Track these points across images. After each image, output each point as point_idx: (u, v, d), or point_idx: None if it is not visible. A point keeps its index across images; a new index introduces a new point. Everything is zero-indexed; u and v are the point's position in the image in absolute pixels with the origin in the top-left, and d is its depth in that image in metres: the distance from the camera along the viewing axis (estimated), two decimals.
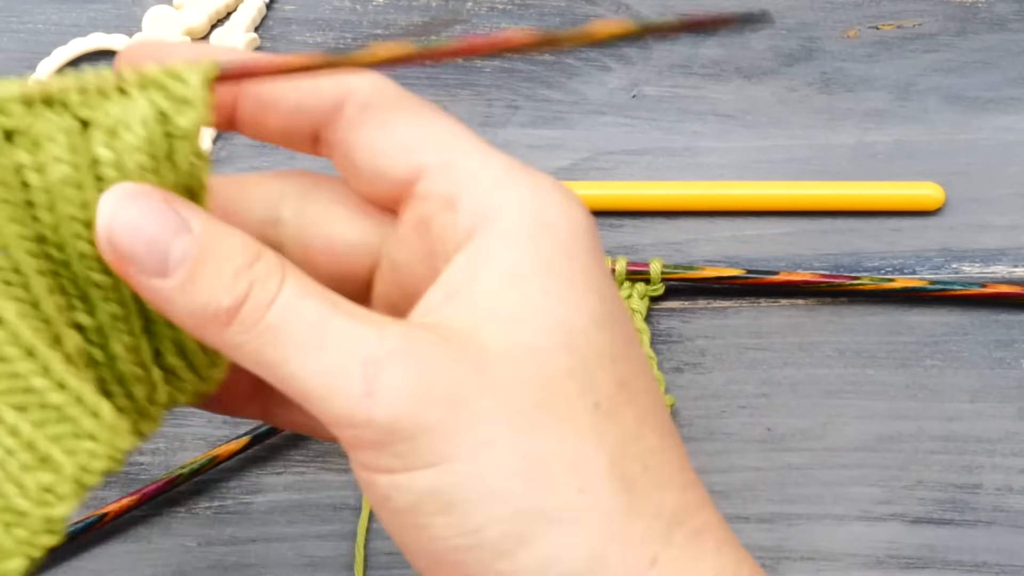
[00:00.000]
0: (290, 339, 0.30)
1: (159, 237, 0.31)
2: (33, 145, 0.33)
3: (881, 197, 0.55)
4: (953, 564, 0.50)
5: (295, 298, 0.30)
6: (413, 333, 0.30)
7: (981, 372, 0.52)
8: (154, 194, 0.31)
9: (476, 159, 0.33)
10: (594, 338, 0.31)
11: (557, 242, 0.31)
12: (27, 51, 0.58)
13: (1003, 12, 0.59)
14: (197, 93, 0.32)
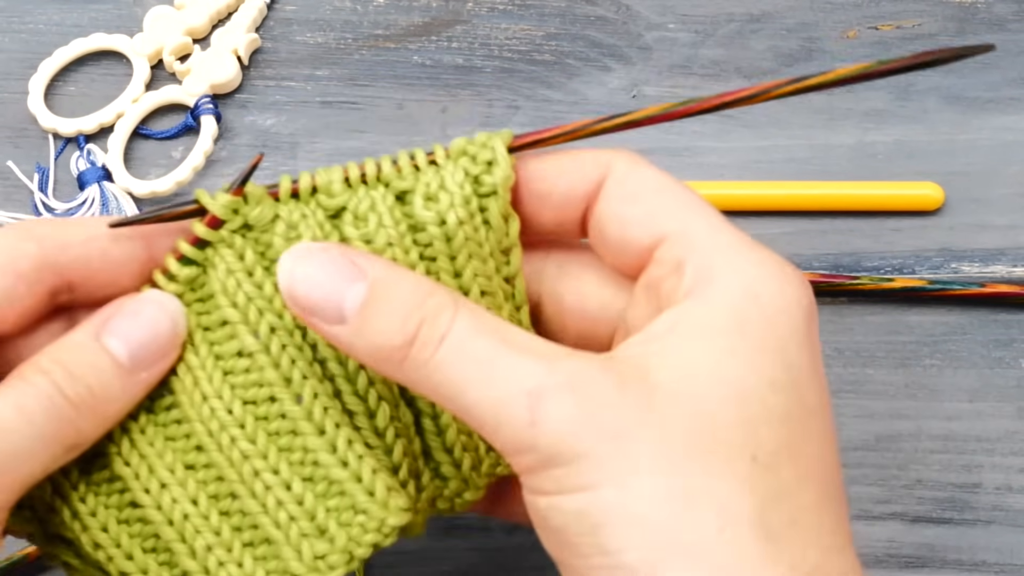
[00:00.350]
0: (461, 374, 0.33)
1: (334, 287, 0.34)
2: (356, 219, 0.37)
3: (881, 197, 0.55)
4: (952, 563, 0.50)
5: (466, 334, 0.33)
6: (582, 367, 0.33)
7: (980, 372, 0.52)
8: (332, 248, 0.35)
9: (709, 229, 0.35)
10: (767, 399, 0.33)
11: (760, 311, 0.34)
12: (28, 51, 0.58)
13: (1002, 12, 0.59)
14: (502, 153, 0.37)
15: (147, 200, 0.55)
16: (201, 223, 0.37)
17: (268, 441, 0.37)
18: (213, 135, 0.56)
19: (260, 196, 0.37)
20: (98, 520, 0.38)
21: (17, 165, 0.56)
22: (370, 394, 0.38)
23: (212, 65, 0.57)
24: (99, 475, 0.38)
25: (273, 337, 0.37)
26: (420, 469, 0.39)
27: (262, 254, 0.38)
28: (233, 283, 0.37)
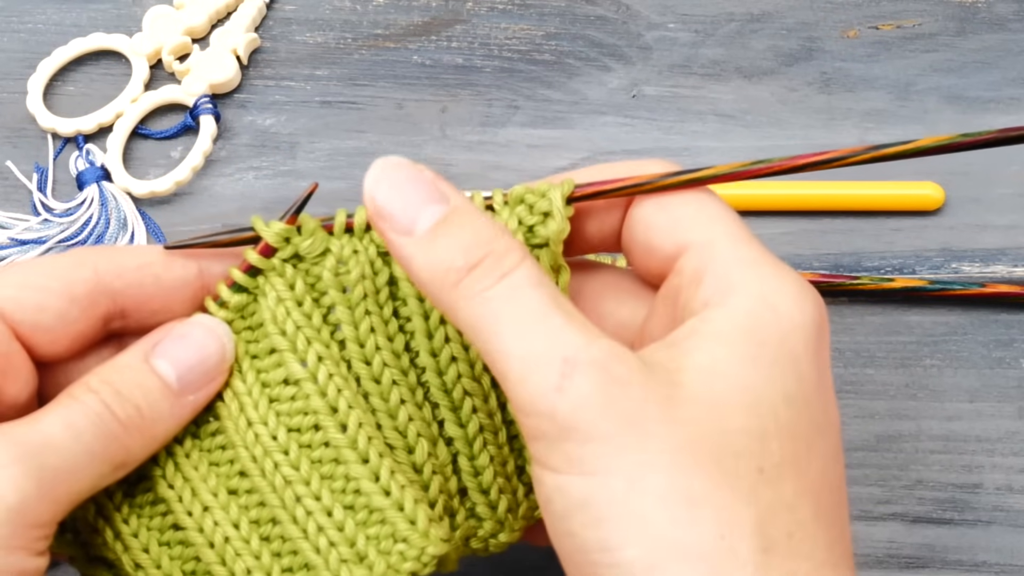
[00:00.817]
0: (507, 317, 0.33)
1: (416, 200, 0.34)
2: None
3: (881, 197, 0.55)
4: (953, 564, 0.50)
5: (523, 282, 0.33)
6: (620, 351, 0.33)
7: (981, 372, 0.52)
8: (425, 170, 0.35)
9: (730, 241, 0.36)
10: (779, 412, 0.33)
11: (776, 324, 0.34)
12: (27, 51, 0.58)
13: (1003, 12, 0.59)
14: (559, 207, 0.37)
15: (146, 200, 0.55)
16: (253, 250, 0.38)
17: (311, 468, 0.38)
18: (212, 135, 0.56)
19: (314, 228, 0.38)
20: (140, 541, 0.38)
21: (16, 165, 0.56)
22: (409, 429, 0.38)
23: (211, 65, 0.57)
24: (143, 497, 0.38)
25: (320, 366, 0.38)
26: (455, 508, 0.39)
27: (312, 285, 0.38)
28: (283, 311, 0.38)
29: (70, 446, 0.34)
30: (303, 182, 0.56)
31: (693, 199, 0.37)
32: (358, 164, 0.56)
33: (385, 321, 0.38)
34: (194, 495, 0.38)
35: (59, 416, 0.35)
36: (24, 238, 0.54)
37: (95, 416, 0.35)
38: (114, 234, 0.54)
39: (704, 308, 0.35)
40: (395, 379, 0.38)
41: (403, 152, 0.56)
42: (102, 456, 0.35)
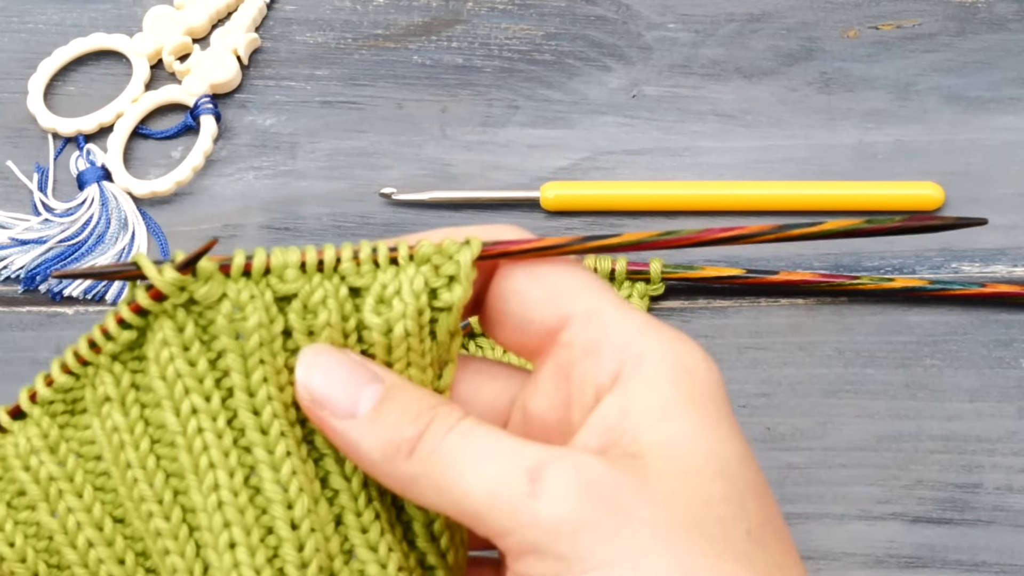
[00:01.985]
0: (464, 457, 0.33)
1: (351, 384, 0.35)
2: (304, 309, 0.36)
3: (881, 197, 0.55)
4: (952, 563, 0.50)
5: (470, 426, 0.34)
6: (576, 456, 0.32)
7: (981, 371, 0.52)
8: (351, 353, 0.36)
9: (616, 312, 0.35)
10: (744, 472, 0.33)
11: (701, 386, 0.34)
12: (28, 51, 0.58)
13: (1003, 12, 0.59)
14: (466, 272, 0.36)
15: (147, 200, 0.55)
16: (144, 294, 0.36)
17: (181, 521, 0.37)
18: (213, 135, 0.56)
19: (210, 272, 0.36)
20: (5, 535, 0.38)
21: (16, 165, 0.56)
22: (292, 483, 0.37)
23: (212, 65, 0.57)
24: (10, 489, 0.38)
25: (192, 419, 0.37)
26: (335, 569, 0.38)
27: (204, 328, 0.37)
28: (167, 355, 0.37)
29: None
30: (303, 182, 0.56)
31: (566, 269, 0.36)
32: (358, 164, 0.56)
33: (277, 371, 0.37)
34: (79, 528, 0.38)
35: None
36: (25, 238, 0.54)
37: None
38: (114, 234, 0.54)
39: (614, 382, 0.34)
40: (283, 431, 0.37)
41: (403, 152, 0.56)
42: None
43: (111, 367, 0.38)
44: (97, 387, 0.38)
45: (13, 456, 0.38)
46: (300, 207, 0.55)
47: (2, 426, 0.38)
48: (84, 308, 0.54)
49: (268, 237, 0.55)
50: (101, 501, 0.38)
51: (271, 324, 0.36)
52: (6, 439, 0.38)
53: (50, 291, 0.54)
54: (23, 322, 0.53)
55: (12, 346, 0.53)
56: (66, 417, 0.38)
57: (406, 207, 0.55)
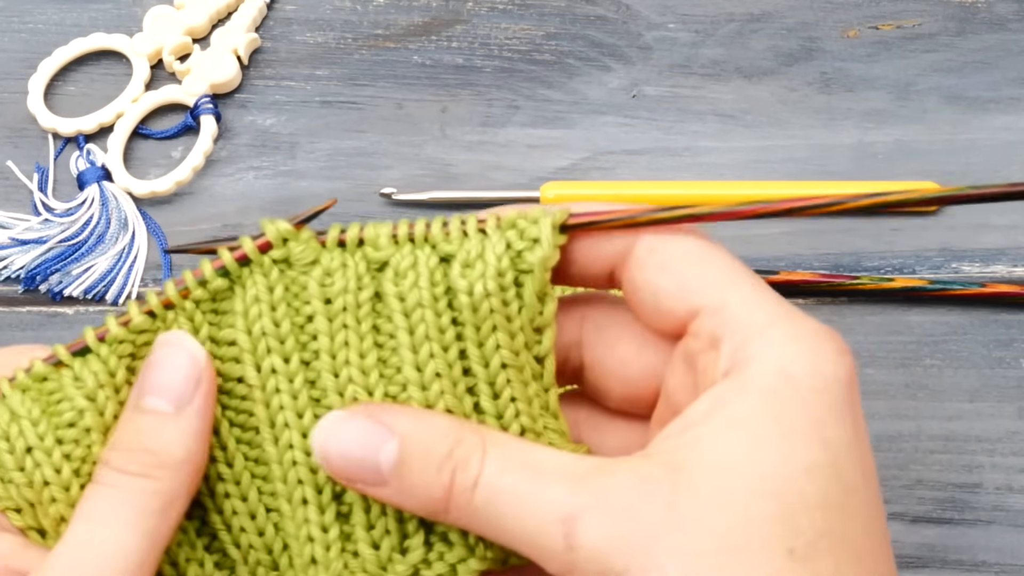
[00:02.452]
0: (499, 512, 0.34)
1: (367, 453, 0.35)
2: (396, 275, 0.38)
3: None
4: (952, 563, 0.50)
5: (496, 473, 0.34)
6: (607, 483, 0.33)
7: (981, 372, 0.52)
8: (357, 413, 0.36)
9: (744, 304, 0.35)
10: (802, 487, 0.33)
11: (794, 393, 0.34)
12: (28, 51, 0.58)
13: (1003, 12, 0.59)
14: (547, 234, 0.37)
15: (147, 200, 0.55)
16: (251, 242, 0.38)
17: (244, 467, 0.39)
18: (213, 135, 0.56)
19: (308, 237, 0.38)
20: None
21: (17, 165, 0.56)
22: None
23: (212, 65, 0.57)
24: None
25: (271, 378, 0.38)
26: (409, 531, 0.39)
27: (295, 294, 0.39)
28: (256, 311, 0.38)
29: (96, 538, 0.35)
30: (303, 182, 0.56)
31: (697, 257, 0.37)
32: (358, 164, 0.56)
33: (361, 337, 0.38)
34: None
35: (80, 516, 0.36)
36: (25, 238, 0.54)
37: (109, 489, 0.36)
38: (115, 234, 0.54)
39: (724, 379, 0.34)
40: (357, 396, 0.38)
41: (403, 152, 0.56)
42: (137, 515, 0.36)
43: (192, 315, 0.39)
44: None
45: (72, 387, 0.38)
46: (300, 207, 0.55)
47: (60, 360, 0.38)
48: (84, 308, 0.54)
49: None
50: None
51: (359, 291, 0.38)
52: (62, 371, 0.38)
53: (50, 291, 0.54)
54: (23, 322, 0.53)
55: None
56: (128, 360, 0.39)
57: (406, 207, 0.55)
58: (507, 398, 0.39)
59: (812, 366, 0.34)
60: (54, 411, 0.38)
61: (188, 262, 0.54)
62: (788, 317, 0.35)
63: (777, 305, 0.36)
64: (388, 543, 0.39)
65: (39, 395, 0.38)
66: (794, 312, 0.36)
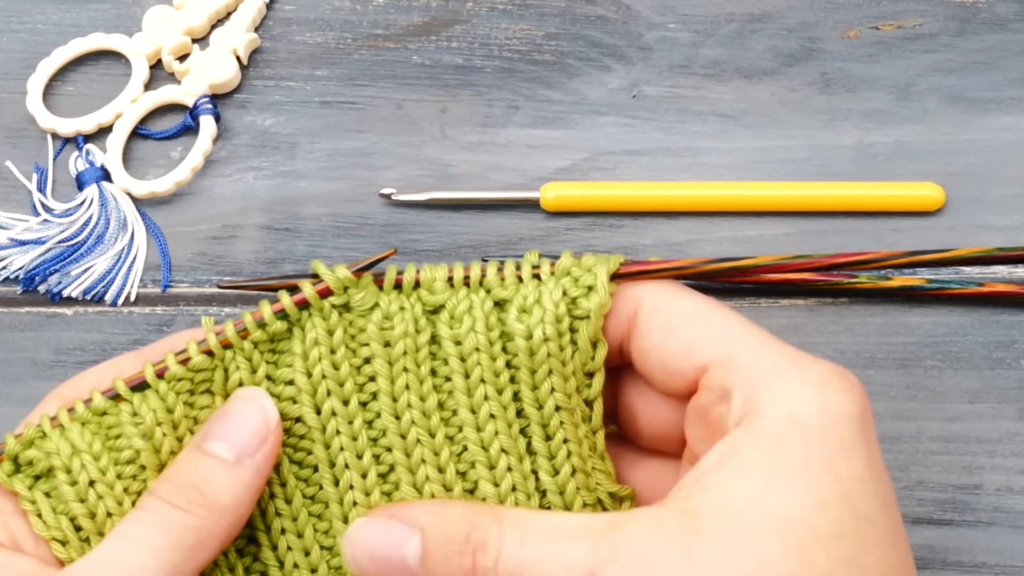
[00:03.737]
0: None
1: (394, 552, 0.37)
2: (452, 319, 0.39)
3: (881, 198, 0.55)
4: (953, 564, 0.50)
5: (515, 548, 0.35)
6: (622, 536, 0.34)
7: (981, 373, 0.52)
8: (379, 515, 0.38)
9: (751, 354, 0.37)
10: (814, 520, 0.34)
11: (802, 435, 0.35)
12: (27, 51, 0.58)
13: (1004, 12, 0.59)
14: (603, 282, 0.39)
15: (146, 200, 0.55)
16: (311, 287, 0.39)
17: (301, 504, 0.40)
18: (212, 135, 0.56)
19: (366, 283, 0.39)
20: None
21: (15, 165, 0.56)
22: (426, 488, 0.40)
23: (211, 65, 0.57)
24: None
25: (332, 420, 0.40)
26: None
27: (352, 336, 0.40)
28: (316, 354, 0.39)
29: (123, 556, 0.36)
30: (302, 182, 0.56)
31: (700, 315, 0.38)
32: (358, 164, 0.56)
33: (421, 380, 0.40)
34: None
35: (114, 533, 0.37)
36: (24, 238, 0.54)
37: (149, 515, 0.37)
38: (114, 235, 0.54)
39: (736, 428, 0.35)
40: (420, 438, 0.39)
41: (403, 152, 0.56)
42: (168, 545, 0.37)
43: (251, 355, 0.40)
44: (231, 372, 0.40)
45: (130, 423, 0.39)
46: (299, 207, 0.55)
47: (119, 394, 0.39)
48: (83, 309, 0.54)
49: (267, 238, 0.55)
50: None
51: (417, 334, 0.39)
52: (120, 406, 0.39)
53: (49, 292, 0.54)
54: (22, 323, 0.53)
55: (11, 347, 0.53)
56: (186, 396, 0.40)
57: (406, 207, 0.55)
58: (560, 440, 0.40)
59: (820, 406, 0.35)
60: (113, 446, 0.39)
61: (188, 262, 0.54)
62: (795, 362, 0.36)
63: (783, 352, 0.37)
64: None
65: (98, 428, 0.39)
66: (800, 356, 0.37)
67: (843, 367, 0.37)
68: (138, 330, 0.53)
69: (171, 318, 0.53)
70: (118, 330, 0.53)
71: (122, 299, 0.54)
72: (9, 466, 0.39)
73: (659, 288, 0.39)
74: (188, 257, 0.55)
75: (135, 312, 0.54)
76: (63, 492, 0.38)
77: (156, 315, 0.54)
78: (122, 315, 0.54)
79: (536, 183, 0.55)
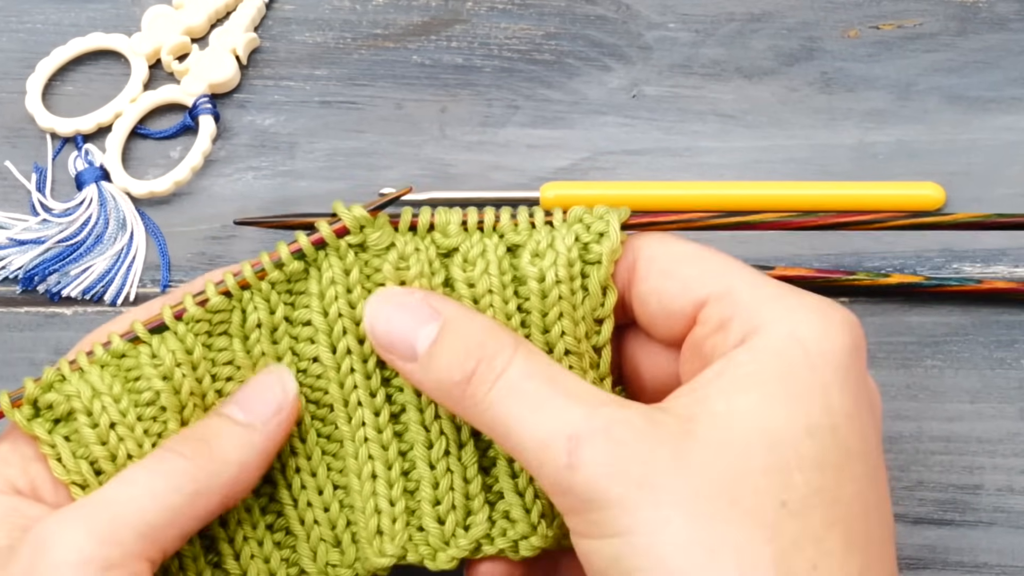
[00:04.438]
0: (511, 412, 0.35)
1: (409, 328, 0.37)
2: (465, 262, 0.40)
3: (882, 197, 0.55)
4: (954, 565, 0.50)
5: (519, 375, 0.36)
6: (621, 415, 0.34)
7: (982, 372, 0.52)
8: (415, 293, 0.38)
9: (750, 286, 0.37)
10: (802, 445, 0.34)
11: (803, 356, 0.35)
12: (26, 50, 0.58)
13: (1004, 12, 0.59)
14: (615, 228, 0.39)
15: (145, 200, 0.55)
16: (328, 226, 0.40)
17: (315, 443, 0.41)
18: (211, 135, 0.56)
19: (382, 223, 0.40)
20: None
21: (15, 165, 0.56)
22: (434, 426, 0.40)
23: (210, 64, 0.57)
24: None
25: (347, 358, 0.40)
26: (474, 508, 0.41)
27: (368, 276, 0.40)
28: (332, 293, 0.40)
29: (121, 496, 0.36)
30: (302, 182, 0.55)
31: (696, 256, 0.39)
32: (357, 164, 0.56)
33: None
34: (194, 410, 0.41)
35: (117, 477, 0.37)
36: (23, 238, 0.54)
37: (152, 461, 0.38)
38: (113, 234, 0.54)
39: (733, 348, 0.36)
40: None
41: (403, 152, 0.56)
42: (167, 488, 0.37)
43: (268, 295, 0.40)
44: (248, 313, 0.40)
45: (149, 365, 0.39)
46: (299, 207, 0.55)
47: (138, 336, 0.40)
48: (83, 308, 0.54)
49: (267, 237, 0.54)
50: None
51: (432, 276, 0.40)
52: (139, 348, 0.39)
53: (48, 292, 0.53)
54: (21, 323, 0.53)
55: (10, 346, 0.53)
56: (204, 337, 0.40)
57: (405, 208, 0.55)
58: None
59: (820, 331, 0.35)
60: (133, 388, 0.39)
61: (187, 262, 0.54)
62: (794, 292, 0.37)
63: (780, 285, 0.37)
64: (453, 518, 0.40)
65: (118, 371, 0.39)
66: (800, 290, 0.37)
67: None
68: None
69: None
70: None
71: (121, 299, 0.54)
72: (29, 410, 0.39)
73: (656, 237, 0.40)
74: (187, 257, 0.54)
75: None
76: (83, 435, 0.38)
77: None
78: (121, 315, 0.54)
79: (536, 183, 0.55)
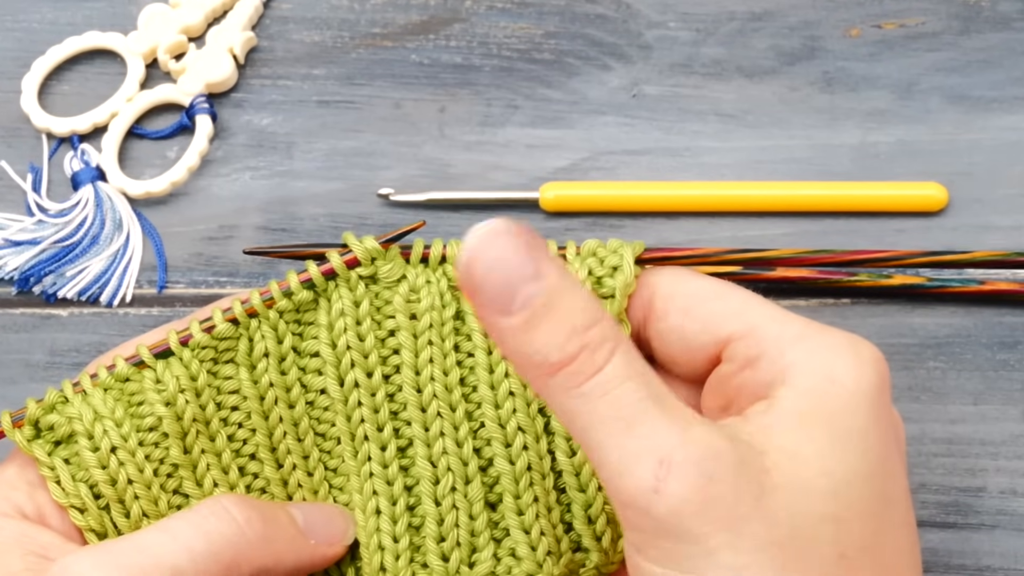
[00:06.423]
0: (602, 413, 0.33)
1: (512, 280, 0.33)
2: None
3: (884, 197, 0.54)
4: (956, 568, 0.49)
5: (617, 377, 0.33)
6: (713, 448, 0.33)
7: (985, 374, 0.52)
8: (522, 235, 0.33)
9: (774, 324, 0.37)
10: (860, 492, 0.34)
11: (840, 398, 0.35)
12: (22, 49, 0.58)
13: (1007, 11, 0.58)
14: (629, 262, 0.39)
15: (142, 200, 0.55)
16: (339, 257, 0.39)
17: (323, 477, 0.41)
18: (208, 135, 0.56)
19: (393, 255, 0.40)
20: None
21: (10, 165, 0.56)
22: (441, 461, 0.40)
23: (208, 64, 0.57)
24: None
25: (354, 391, 0.40)
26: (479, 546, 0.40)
27: (377, 308, 0.40)
28: (341, 325, 0.40)
29: (158, 547, 0.36)
30: (300, 182, 0.55)
31: (715, 292, 0.38)
32: (355, 164, 0.56)
33: (444, 354, 0.40)
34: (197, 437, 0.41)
35: (158, 525, 0.37)
36: (18, 239, 0.54)
37: (198, 517, 0.37)
38: (109, 235, 0.54)
39: (768, 389, 0.35)
40: (440, 411, 0.39)
41: (401, 152, 0.56)
42: (205, 551, 0.36)
43: (276, 324, 0.40)
44: (256, 342, 0.40)
45: (153, 391, 0.39)
46: (297, 207, 0.55)
47: (143, 361, 0.40)
48: (79, 310, 0.53)
49: (265, 238, 0.54)
50: (230, 448, 0.40)
51: (443, 308, 0.40)
52: (144, 373, 0.39)
53: (44, 293, 0.53)
54: (16, 324, 0.53)
55: (5, 348, 0.53)
56: (210, 364, 0.40)
57: (404, 208, 0.55)
58: None
59: (851, 370, 0.35)
60: (135, 412, 0.39)
61: (184, 263, 0.54)
62: (821, 330, 0.37)
63: (806, 321, 0.37)
64: (457, 555, 0.40)
65: (121, 395, 0.39)
66: (824, 326, 0.37)
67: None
68: (134, 331, 0.53)
69: (167, 319, 0.53)
70: (114, 331, 0.53)
71: (117, 300, 0.53)
72: (30, 431, 0.39)
73: (672, 273, 0.39)
74: (184, 258, 0.54)
75: (131, 313, 0.53)
76: (84, 458, 0.38)
77: (152, 316, 0.53)
78: (118, 316, 0.53)
79: (535, 183, 0.55)
